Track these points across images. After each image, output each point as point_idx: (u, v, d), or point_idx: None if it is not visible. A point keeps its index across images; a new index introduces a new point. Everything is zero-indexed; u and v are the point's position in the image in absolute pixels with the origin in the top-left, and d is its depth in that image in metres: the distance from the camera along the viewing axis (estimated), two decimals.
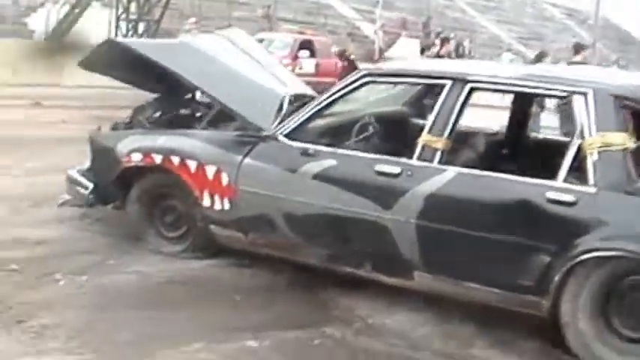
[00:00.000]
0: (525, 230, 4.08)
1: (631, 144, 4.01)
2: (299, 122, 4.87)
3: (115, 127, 5.93)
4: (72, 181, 5.83)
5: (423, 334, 4.37)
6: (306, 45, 18.96)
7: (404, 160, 4.48)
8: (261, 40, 15.06)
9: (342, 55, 15.98)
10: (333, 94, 4.86)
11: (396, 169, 4.44)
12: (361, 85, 4.82)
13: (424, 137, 4.46)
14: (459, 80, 4.46)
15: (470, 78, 4.46)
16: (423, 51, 11.86)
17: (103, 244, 5.49)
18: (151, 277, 4.88)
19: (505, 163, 4.84)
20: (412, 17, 28.89)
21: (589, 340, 4.00)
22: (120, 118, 6.17)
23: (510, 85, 4.53)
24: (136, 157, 5.30)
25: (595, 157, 4.01)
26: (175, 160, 5.13)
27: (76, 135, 10.22)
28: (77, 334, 3.93)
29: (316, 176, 4.66)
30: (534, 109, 4.40)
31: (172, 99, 6.13)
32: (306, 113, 4.88)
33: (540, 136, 6.05)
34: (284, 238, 4.85)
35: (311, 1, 28.25)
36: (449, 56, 11.57)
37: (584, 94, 4.14)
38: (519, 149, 5.50)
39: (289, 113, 5.11)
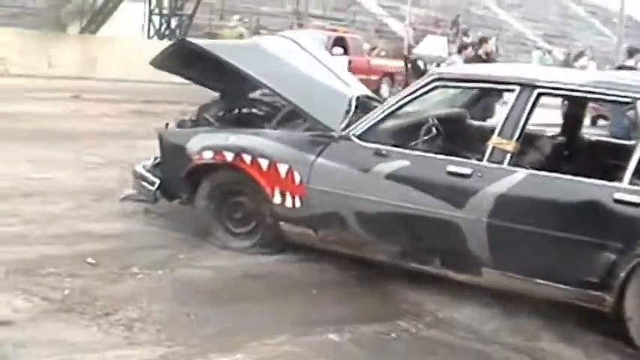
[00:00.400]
0: (593, 229, 4.26)
1: None
2: (371, 124, 5.05)
3: (181, 125, 6.13)
4: (138, 177, 6.06)
5: (491, 328, 4.55)
6: (340, 42, 19.09)
7: (475, 161, 4.66)
8: None
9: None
10: (405, 97, 5.05)
11: (468, 170, 4.63)
12: (432, 89, 5.01)
13: (494, 140, 4.64)
14: (528, 86, 4.64)
15: (539, 84, 4.64)
16: (460, 50, 11.91)
17: (172, 239, 5.65)
18: (225, 272, 5.07)
19: (568, 165, 5.01)
20: (440, 15, 28.95)
21: None
22: (183, 115, 6.38)
23: (578, 91, 4.70)
24: (208, 155, 5.50)
25: None
26: (247, 158, 5.33)
27: (120, 129, 10.56)
28: (163, 327, 4.09)
29: (389, 176, 4.84)
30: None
31: (235, 98, 6.33)
32: (378, 115, 5.07)
33: (594, 138, 6.20)
34: (355, 236, 5.04)
35: None
36: (488, 56, 11.65)
37: None
38: (578, 151, 5.67)
39: (358, 115, 5.30)
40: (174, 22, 20.49)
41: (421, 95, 5.05)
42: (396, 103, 5.07)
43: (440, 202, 4.68)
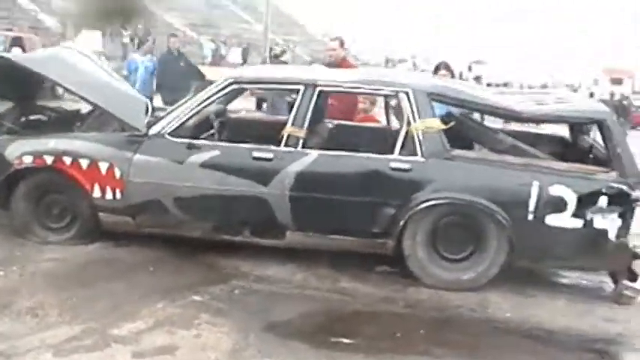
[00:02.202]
0: (376, 191, 5.66)
1: (442, 126, 5.75)
2: (180, 122, 5.98)
3: None
4: None
5: (300, 277, 5.78)
6: (18, 42, 18.92)
7: (274, 147, 5.82)
8: None
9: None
10: (206, 98, 6.04)
11: (270, 155, 5.79)
12: (230, 91, 6.08)
13: (289, 129, 5.84)
14: (311, 85, 5.90)
15: (319, 83, 5.93)
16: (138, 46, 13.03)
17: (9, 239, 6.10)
18: (68, 262, 5.69)
19: (349, 145, 6.27)
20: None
21: (425, 264, 5.70)
22: None
23: (352, 87, 6.08)
24: (28, 159, 6.02)
25: (421, 136, 5.68)
26: (67, 159, 5.96)
27: None
28: (62, 311, 4.73)
29: (203, 164, 5.83)
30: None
31: (27, 105, 6.82)
32: (185, 114, 6.00)
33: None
34: (173, 218, 5.95)
35: None
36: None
37: (407, 93, 5.80)
38: (358, 134, 7.03)
39: (158, 116, 6.21)
40: None
41: (219, 96, 6.08)
42: (199, 104, 6.03)
43: (249, 182, 5.77)
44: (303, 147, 5.82)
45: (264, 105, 13.16)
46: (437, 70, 7.84)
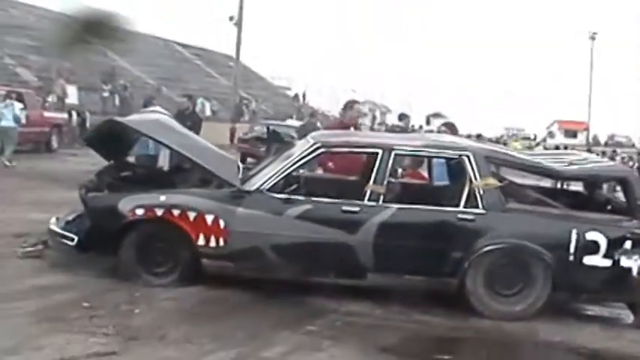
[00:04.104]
0: (445, 238, 6.83)
1: (499, 183, 6.98)
2: (275, 180, 7.06)
3: (86, 186, 7.45)
4: (55, 235, 7.31)
5: (380, 312, 6.85)
6: (19, 97, 19.59)
7: (358, 201, 6.95)
8: None
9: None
10: (296, 161, 7.15)
11: (357, 208, 6.91)
12: (317, 155, 7.23)
13: (371, 186, 6.98)
14: (388, 149, 7.08)
15: (395, 148, 7.11)
16: None
17: (112, 284, 6.96)
18: (185, 300, 6.68)
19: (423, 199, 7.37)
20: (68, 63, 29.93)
21: (484, 299, 6.85)
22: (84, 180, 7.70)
23: (422, 151, 7.29)
24: (140, 212, 7.01)
25: (482, 191, 6.89)
26: (176, 212, 6.98)
27: None
28: (211, 340, 5.73)
29: (298, 216, 6.92)
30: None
31: (121, 164, 7.87)
32: (280, 174, 7.09)
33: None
34: (269, 262, 6.99)
35: None
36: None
37: (468, 156, 7.02)
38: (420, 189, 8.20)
39: (250, 174, 7.31)
40: None
41: (308, 160, 7.22)
42: (292, 164, 7.13)
43: (338, 231, 6.87)
44: (384, 201, 6.95)
45: None
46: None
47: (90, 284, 6.92)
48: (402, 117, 14.58)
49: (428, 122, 25.97)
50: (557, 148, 29.64)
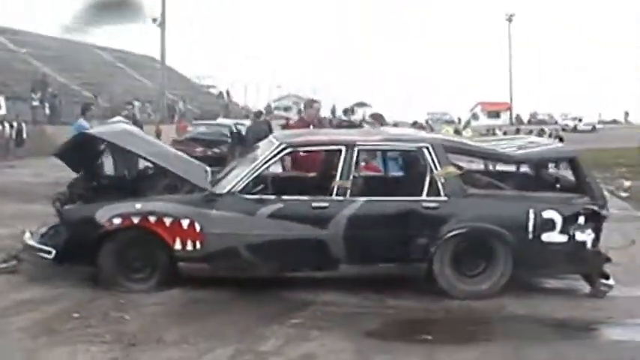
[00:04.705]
0: (413, 226, 7.21)
1: (458, 172, 7.39)
2: (246, 182, 7.33)
3: (59, 199, 7.60)
4: (31, 248, 7.44)
5: (356, 301, 7.20)
6: None
7: (328, 197, 7.28)
8: None
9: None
10: (263, 162, 7.44)
11: (326, 204, 7.24)
12: (283, 155, 7.53)
13: (337, 182, 7.31)
14: (351, 145, 7.42)
15: (357, 144, 7.46)
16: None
17: (98, 292, 7.14)
18: (171, 304, 6.91)
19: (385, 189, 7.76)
20: None
21: (451, 279, 7.27)
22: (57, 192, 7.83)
23: (382, 146, 7.65)
24: (117, 221, 7.19)
25: (443, 179, 7.30)
26: (152, 219, 7.19)
27: None
28: (207, 339, 5.97)
29: (270, 215, 7.21)
30: None
31: (91, 175, 8.03)
32: (250, 176, 7.36)
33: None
34: (244, 261, 7.26)
35: None
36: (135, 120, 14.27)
37: (427, 147, 7.41)
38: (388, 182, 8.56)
39: (218, 177, 7.57)
40: None
41: (275, 160, 7.52)
42: (260, 166, 7.42)
43: (310, 226, 7.19)
44: (351, 195, 7.29)
45: None
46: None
47: (73, 295, 7.07)
48: (347, 112, 14.97)
49: (352, 111, 26.42)
50: (505, 133, 30.51)
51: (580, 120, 68.68)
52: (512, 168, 9.05)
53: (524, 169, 8.98)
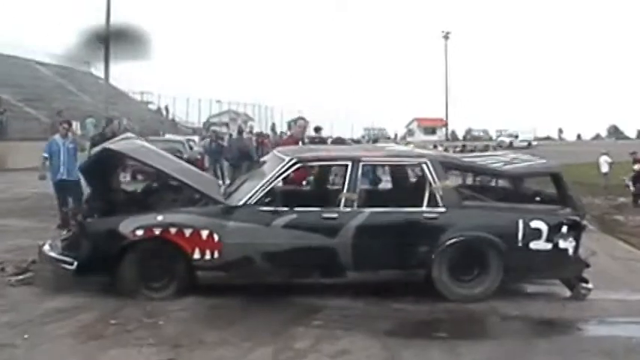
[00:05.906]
0: (414, 235, 7.85)
1: (454, 184, 8.07)
2: (261, 194, 7.86)
3: (79, 213, 7.99)
4: (52, 260, 7.81)
5: (362, 305, 7.76)
6: None
7: (337, 208, 7.87)
8: None
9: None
10: (278, 175, 7.99)
11: (335, 214, 7.83)
12: (294, 170, 8.09)
13: (345, 194, 7.91)
14: (357, 161, 8.04)
15: (362, 159, 8.07)
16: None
17: (125, 300, 7.50)
18: (196, 309, 7.35)
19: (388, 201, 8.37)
20: None
21: (448, 284, 7.93)
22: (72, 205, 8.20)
23: (385, 161, 8.28)
24: (140, 232, 7.62)
25: (441, 192, 7.96)
26: (173, 230, 7.65)
27: None
28: (242, 340, 6.44)
29: (285, 225, 7.75)
30: None
31: (105, 190, 8.44)
32: (263, 189, 7.89)
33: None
34: (259, 269, 7.78)
35: None
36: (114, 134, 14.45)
37: (426, 163, 8.08)
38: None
39: (230, 190, 8.09)
40: None
41: (287, 175, 8.07)
42: (273, 180, 7.96)
43: (318, 235, 7.76)
44: (358, 206, 7.89)
45: None
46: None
47: (100, 303, 7.44)
48: (318, 129, 15.61)
49: (289, 127, 27.05)
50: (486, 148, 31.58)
51: (516, 137, 70.40)
52: (492, 182, 9.80)
53: (502, 182, 9.73)
